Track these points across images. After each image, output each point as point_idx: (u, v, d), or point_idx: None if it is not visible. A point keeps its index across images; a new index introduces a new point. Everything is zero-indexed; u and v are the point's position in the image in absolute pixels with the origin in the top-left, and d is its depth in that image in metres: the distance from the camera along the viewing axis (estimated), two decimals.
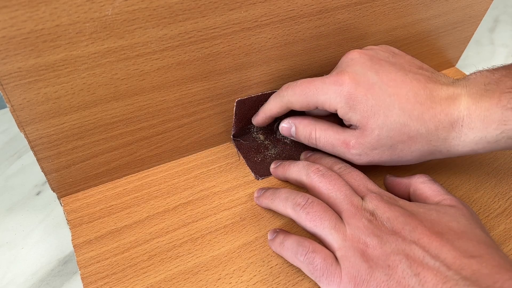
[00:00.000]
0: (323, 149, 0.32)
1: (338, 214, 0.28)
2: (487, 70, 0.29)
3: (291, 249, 0.27)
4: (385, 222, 0.26)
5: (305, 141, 0.33)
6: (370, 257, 0.25)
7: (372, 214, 0.27)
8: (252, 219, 0.31)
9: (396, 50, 0.33)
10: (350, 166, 0.32)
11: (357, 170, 0.31)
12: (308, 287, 0.27)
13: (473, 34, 0.47)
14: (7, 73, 0.23)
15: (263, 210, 0.32)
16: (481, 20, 0.46)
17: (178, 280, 0.27)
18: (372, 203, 0.27)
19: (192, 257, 0.29)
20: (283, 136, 0.38)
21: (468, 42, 0.48)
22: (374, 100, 0.29)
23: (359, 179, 0.30)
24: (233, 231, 0.31)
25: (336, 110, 0.30)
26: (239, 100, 0.34)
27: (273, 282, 0.28)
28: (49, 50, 0.23)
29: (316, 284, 0.27)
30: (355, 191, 0.29)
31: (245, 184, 0.34)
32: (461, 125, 0.28)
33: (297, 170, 0.31)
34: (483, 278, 0.22)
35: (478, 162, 0.37)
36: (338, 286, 0.25)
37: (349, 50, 0.36)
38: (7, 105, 0.24)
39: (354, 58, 0.31)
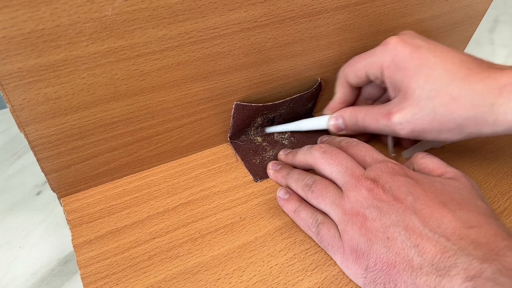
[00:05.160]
0: (369, 129, 0.32)
1: (340, 187, 0.28)
2: None
3: (305, 219, 0.29)
4: (387, 190, 0.26)
5: (354, 127, 0.34)
6: (369, 229, 0.25)
7: (374, 181, 0.27)
8: (252, 219, 0.31)
9: None
10: (357, 140, 0.32)
11: (364, 143, 0.31)
12: (308, 287, 0.27)
13: (473, 34, 0.47)
14: (7, 73, 0.23)
15: (263, 210, 0.32)
16: (481, 20, 0.46)
17: (178, 280, 0.27)
18: (374, 172, 0.27)
19: (192, 257, 0.29)
20: (281, 137, 0.38)
21: (468, 42, 0.48)
22: (419, 60, 0.29)
23: (365, 150, 0.30)
24: (233, 231, 0.31)
25: (383, 72, 0.30)
26: (238, 103, 0.34)
27: (273, 282, 0.28)
28: (49, 50, 0.23)
29: (315, 284, 0.27)
30: (361, 162, 0.29)
31: (245, 184, 0.34)
32: (510, 91, 0.26)
33: (303, 153, 0.32)
34: (480, 247, 0.22)
35: (478, 162, 0.37)
36: (342, 256, 0.27)
37: (349, 50, 0.37)
38: (7, 105, 0.24)
39: (405, 32, 0.32)
